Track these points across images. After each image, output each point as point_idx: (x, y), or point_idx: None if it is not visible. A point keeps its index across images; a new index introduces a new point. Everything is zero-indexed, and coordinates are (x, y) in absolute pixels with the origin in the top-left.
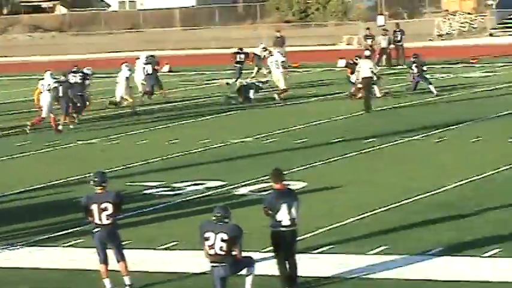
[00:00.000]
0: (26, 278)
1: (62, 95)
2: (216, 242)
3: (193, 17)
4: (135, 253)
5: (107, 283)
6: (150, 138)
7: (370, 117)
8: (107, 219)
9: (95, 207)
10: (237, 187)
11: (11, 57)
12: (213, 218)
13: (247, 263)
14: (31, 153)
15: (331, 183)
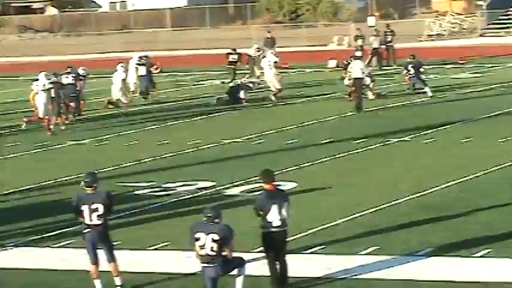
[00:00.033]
0: (16, 279)
1: (53, 95)
2: (206, 242)
3: (184, 17)
4: (126, 254)
5: (98, 284)
6: (141, 138)
7: (360, 118)
8: (98, 220)
9: (85, 208)
10: (227, 188)
11: (1, 57)
12: (204, 219)
13: (238, 263)
14: (22, 154)
15: (321, 184)
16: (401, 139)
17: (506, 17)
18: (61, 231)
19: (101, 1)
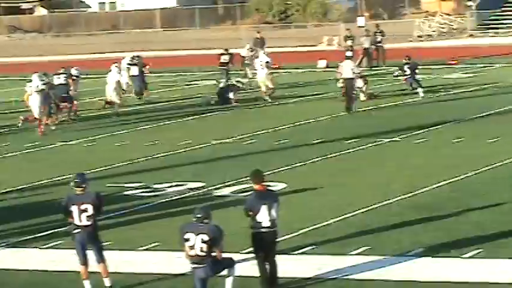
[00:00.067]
0: (6, 279)
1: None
2: (196, 243)
3: (174, 18)
4: (116, 254)
5: (87, 284)
6: (131, 139)
7: (351, 118)
8: (87, 221)
9: (75, 209)
10: (217, 188)
11: None
12: (194, 219)
13: (227, 263)
14: (12, 154)
15: (313, 184)
16: (393, 139)
17: (496, 17)
18: (51, 232)
19: (90, 1)
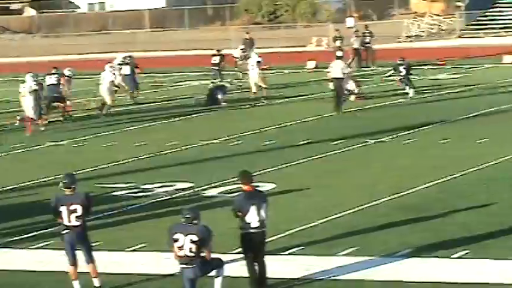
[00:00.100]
0: None
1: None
2: (185, 243)
3: (163, 18)
4: (105, 255)
5: (76, 285)
6: (119, 140)
7: (338, 119)
8: (76, 221)
9: (64, 209)
10: (205, 189)
11: None
12: (182, 220)
13: (216, 264)
14: (0, 155)
15: (299, 185)
16: (380, 140)
17: (485, 18)
18: (39, 233)
19: (79, 2)
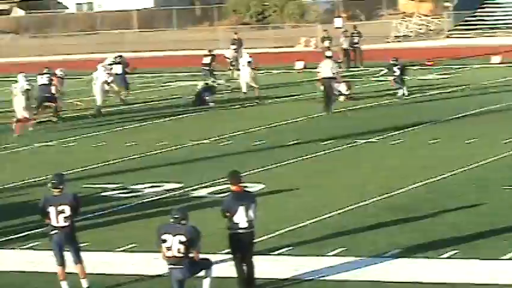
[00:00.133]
0: None
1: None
2: (173, 244)
3: (151, 18)
4: (93, 255)
5: (64, 285)
6: (109, 140)
7: (327, 119)
8: (65, 222)
9: (52, 210)
10: (194, 189)
11: None
12: (171, 220)
13: (204, 265)
14: None
15: (289, 185)
16: (369, 140)
17: (473, 18)
18: (28, 233)
19: (67, 2)
